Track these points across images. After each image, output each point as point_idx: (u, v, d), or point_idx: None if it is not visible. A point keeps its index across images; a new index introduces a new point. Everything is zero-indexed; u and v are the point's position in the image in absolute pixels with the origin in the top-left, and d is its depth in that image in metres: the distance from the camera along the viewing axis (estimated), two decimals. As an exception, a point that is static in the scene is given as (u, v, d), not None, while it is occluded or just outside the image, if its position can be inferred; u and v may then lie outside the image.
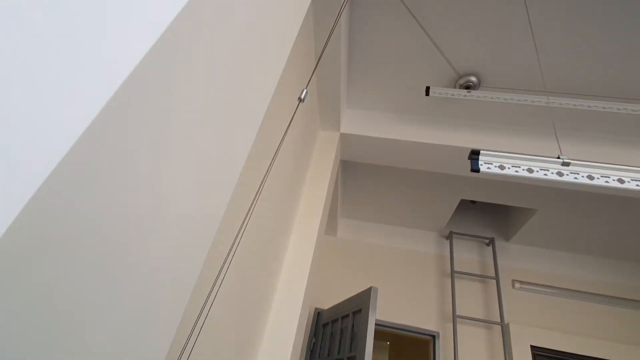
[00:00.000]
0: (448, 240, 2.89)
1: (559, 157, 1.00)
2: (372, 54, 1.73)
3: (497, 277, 2.58)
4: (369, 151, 2.06)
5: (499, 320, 2.45)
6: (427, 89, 1.64)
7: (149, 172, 0.34)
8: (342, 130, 1.97)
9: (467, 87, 1.68)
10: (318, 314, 2.51)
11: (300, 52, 1.30)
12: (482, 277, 2.67)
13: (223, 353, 0.90)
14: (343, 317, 2.06)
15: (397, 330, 2.48)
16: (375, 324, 2.48)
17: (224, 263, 0.71)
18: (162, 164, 0.36)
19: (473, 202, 3.06)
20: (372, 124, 1.98)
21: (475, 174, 2.08)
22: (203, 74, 0.41)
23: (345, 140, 2.02)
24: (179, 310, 0.43)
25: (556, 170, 0.97)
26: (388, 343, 5.41)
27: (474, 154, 1.04)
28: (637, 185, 0.91)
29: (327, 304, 2.63)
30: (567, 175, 0.96)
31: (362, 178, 2.59)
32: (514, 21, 1.44)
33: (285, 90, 1.14)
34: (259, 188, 0.84)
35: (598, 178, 0.94)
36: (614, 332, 2.44)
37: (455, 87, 1.73)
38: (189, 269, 0.45)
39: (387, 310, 2.57)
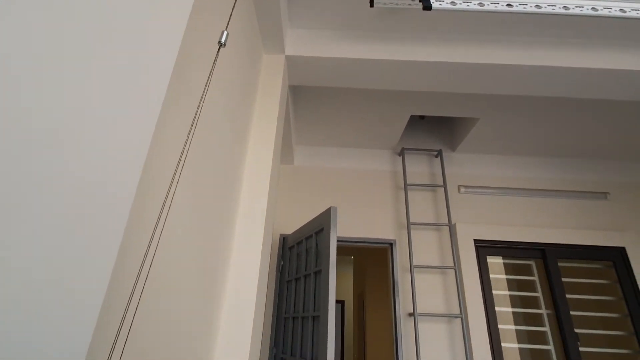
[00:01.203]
0: (400, 157, 3.04)
1: (507, -10, 1.02)
2: (309, -39, 1.58)
3: (444, 185, 2.80)
4: (317, 73, 1.99)
5: (447, 222, 2.73)
6: (371, -1, 1.55)
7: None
8: (287, 53, 1.86)
9: (411, -5, 1.61)
10: (284, 239, 2.64)
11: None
12: (432, 187, 2.89)
13: (187, 291, 0.94)
14: (307, 238, 2.19)
15: (358, 244, 2.69)
16: (338, 240, 2.67)
17: (166, 200, 0.70)
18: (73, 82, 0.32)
19: (422, 117, 3.17)
20: (318, 43, 1.89)
21: (422, 90, 2.11)
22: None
23: (292, 63, 1.92)
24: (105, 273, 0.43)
25: (506, 3, 1.00)
26: (352, 257, 5.92)
27: None
28: (580, 10, 0.97)
29: (291, 229, 2.75)
30: (517, 6, 0.99)
31: (314, 103, 2.55)
32: None
33: (217, 8, 1.03)
34: (194, 120, 0.81)
35: (545, 7, 0.99)
36: (546, 219, 2.83)
37: (399, -4, 1.65)
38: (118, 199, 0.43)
39: (348, 227, 2.75)
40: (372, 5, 1.54)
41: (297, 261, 2.33)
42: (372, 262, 4.54)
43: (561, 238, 2.72)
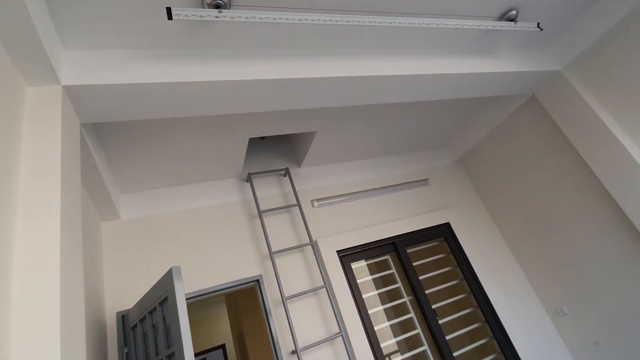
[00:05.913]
0: (248, 183, 2.81)
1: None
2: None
3: (298, 203, 2.72)
4: (118, 105, 1.56)
5: (309, 241, 2.65)
6: (169, 10, 1.27)
7: None
8: (64, 82, 1.38)
9: (217, 7, 1.40)
10: (122, 317, 2.04)
11: None
12: (287, 208, 2.77)
13: None
14: (151, 312, 1.71)
15: (220, 292, 2.32)
16: (196, 295, 2.24)
17: None
18: None
19: (262, 138, 3.03)
20: (111, 67, 1.47)
21: (256, 111, 1.94)
22: None
23: (77, 94, 1.44)
24: None
25: None
26: (223, 296, 5.35)
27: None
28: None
29: (132, 301, 2.16)
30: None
31: (133, 141, 2.06)
32: None
33: None
34: None
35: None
36: (390, 214, 3.07)
37: (203, 7, 1.42)
38: None
39: (205, 276, 2.34)
40: (170, 17, 1.26)
41: (144, 344, 1.80)
42: (244, 297, 4.16)
43: (405, 228, 3.00)
